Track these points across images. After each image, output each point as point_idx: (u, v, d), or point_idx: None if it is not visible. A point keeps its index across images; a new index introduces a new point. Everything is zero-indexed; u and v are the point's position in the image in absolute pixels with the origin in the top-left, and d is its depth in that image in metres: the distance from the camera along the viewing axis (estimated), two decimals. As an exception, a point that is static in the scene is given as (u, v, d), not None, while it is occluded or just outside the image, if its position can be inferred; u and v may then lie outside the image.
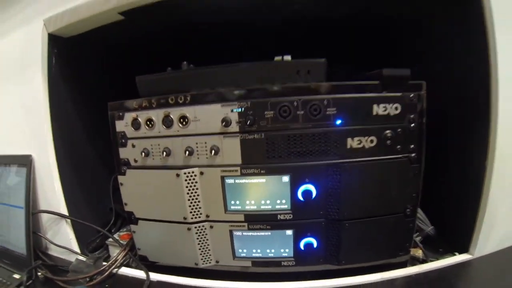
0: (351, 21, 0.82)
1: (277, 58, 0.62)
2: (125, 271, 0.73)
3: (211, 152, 0.60)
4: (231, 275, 0.68)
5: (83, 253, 0.79)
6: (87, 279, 0.70)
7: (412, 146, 0.59)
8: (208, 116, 0.60)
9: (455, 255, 0.68)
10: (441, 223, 0.74)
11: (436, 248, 0.72)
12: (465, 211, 0.67)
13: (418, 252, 0.70)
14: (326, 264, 0.65)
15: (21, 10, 0.82)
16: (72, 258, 0.77)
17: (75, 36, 0.78)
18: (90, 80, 0.89)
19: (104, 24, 0.72)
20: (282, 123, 0.58)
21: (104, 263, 0.74)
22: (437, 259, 0.68)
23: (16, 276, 0.74)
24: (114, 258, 0.74)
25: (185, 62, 0.65)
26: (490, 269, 0.65)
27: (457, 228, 0.71)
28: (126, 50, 0.95)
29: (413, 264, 0.68)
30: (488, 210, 0.63)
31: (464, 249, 0.68)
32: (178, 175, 0.62)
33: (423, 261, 0.69)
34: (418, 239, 0.73)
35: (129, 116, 0.63)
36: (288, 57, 0.62)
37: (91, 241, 0.82)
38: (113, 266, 0.72)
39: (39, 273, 0.74)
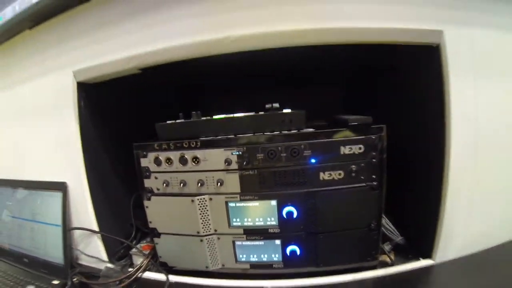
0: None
1: (268, 105, 0.80)
2: (148, 275, 0.91)
3: (217, 184, 0.80)
4: (234, 275, 0.86)
5: (110, 261, 0.96)
6: (117, 282, 0.89)
7: (373, 176, 0.75)
8: (214, 157, 0.79)
9: (419, 260, 0.82)
10: (410, 233, 0.87)
11: (406, 255, 0.85)
12: (428, 223, 0.81)
13: (387, 258, 0.84)
14: (308, 267, 0.82)
15: (52, 57, 0.97)
16: (101, 266, 0.94)
17: (99, 83, 0.94)
18: (114, 118, 1.05)
19: (124, 75, 0.88)
20: (270, 162, 0.77)
21: (130, 269, 0.93)
22: (404, 264, 0.82)
23: (55, 282, 0.91)
24: (139, 265, 0.92)
25: (194, 112, 0.82)
26: (449, 274, 0.77)
27: (422, 237, 0.84)
28: (141, 93, 1.12)
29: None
30: (445, 223, 0.77)
31: (427, 256, 0.82)
32: (192, 200, 0.81)
33: (392, 266, 0.83)
34: (388, 247, 0.86)
35: (151, 155, 0.82)
36: (276, 105, 0.80)
37: (117, 251, 1.00)
38: (139, 271, 0.91)
39: (74, 279, 0.90)
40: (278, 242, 0.82)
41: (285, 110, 0.79)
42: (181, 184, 0.81)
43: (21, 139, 1.12)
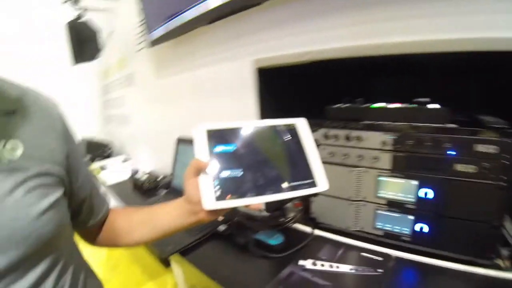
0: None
1: (417, 100, 0.97)
2: (297, 226, 1.15)
3: (373, 159, 1.00)
4: (366, 239, 1.00)
5: (267, 211, 1.14)
6: (271, 226, 1.13)
7: (503, 177, 0.77)
8: (374, 138, 0.99)
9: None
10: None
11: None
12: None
13: (501, 262, 0.82)
14: (429, 247, 0.89)
15: (232, 47, 1.26)
16: (257, 213, 1.17)
17: (273, 68, 1.16)
18: (285, 98, 1.24)
19: (296, 64, 1.08)
20: (417, 148, 0.93)
21: (282, 219, 1.16)
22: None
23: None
24: (291, 217, 1.17)
25: (358, 99, 1.04)
26: None
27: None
28: (307, 78, 1.34)
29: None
30: None
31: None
32: (352, 170, 1.03)
33: (505, 271, 0.80)
34: (506, 253, 0.85)
35: (322, 131, 1.06)
36: (425, 99, 0.95)
37: (274, 203, 1.22)
38: (291, 221, 1.15)
39: (235, 219, 1.17)
40: (411, 217, 0.97)
41: (432, 106, 0.90)
42: (344, 157, 1.04)
43: (202, 110, 1.44)
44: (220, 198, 0.60)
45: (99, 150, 2.58)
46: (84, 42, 2.60)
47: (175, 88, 1.86)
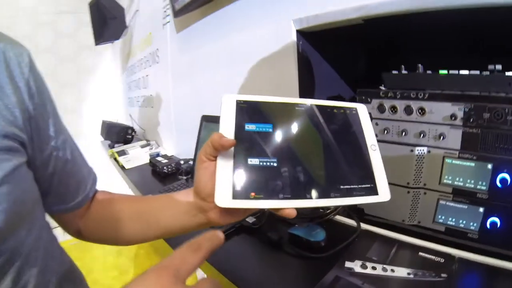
0: None
1: (490, 67, 0.80)
2: (339, 218, 0.99)
3: (439, 137, 0.83)
4: (422, 235, 0.87)
5: None
6: (308, 219, 0.98)
7: None
8: (440, 110, 0.82)
9: None
10: None
11: None
12: None
13: None
14: (501, 248, 0.76)
15: (269, 6, 1.12)
16: None
17: (315, 32, 1.03)
18: (329, 64, 1.13)
19: (343, 25, 0.94)
20: (495, 123, 0.78)
21: (321, 210, 1.01)
22: None
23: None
24: (333, 208, 1.00)
25: (419, 65, 0.87)
26: None
27: None
28: (356, 41, 1.19)
29: None
30: None
31: None
32: (412, 150, 0.86)
33: None
34: None
35: (375, 102, 0.89)
36: (499, 67, 0.79)
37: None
38: (331, 213, 0.99)
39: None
40: (481, 209, 0.82)
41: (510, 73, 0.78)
42: (402, 133, 0.86)
43: (231, 85, 1.29)
44: (240, 194, 0.44)
45: (121, 133, 2.47)
46: (107, 21, 2.51)
47: (202, 61, 1.76)
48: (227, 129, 0.47)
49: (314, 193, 0.46)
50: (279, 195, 0.45)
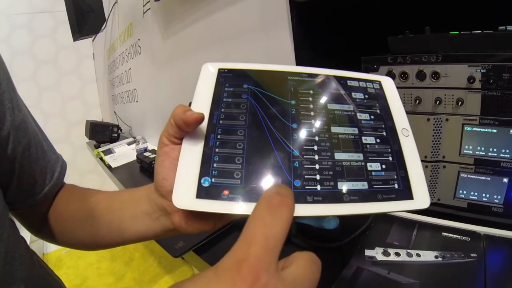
0: None
1: (501, 27, 0.74)
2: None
3: (457, 103, 0.76)
4: (441, 214, 0.82)
5: None
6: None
7: None
8: (456, 73, 0.75)
9: None
10: None
11: None
12: None
13: None
14: None
15: None
16: None
17: (308, 1, 0.96)
18: (322, 35, 1.06)
19: None
20: None
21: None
22: None
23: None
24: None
25: (427, 28, 0.79)
26: None
27: None
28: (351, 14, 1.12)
29: None
30: None
31: None
32: (428, 119, 0.78)
33: None
34: None
35: (383, 69, 0.81)
36: (511, 28, 0.73)
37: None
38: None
39: None
40: (505, 180, 0.75)
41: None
42: (416, 101, 0.78)
43: (224, 59, 1.20)
44: (207, 192, 0.31)
45: (106, 132, 2.37)
46: (85, 14, 2.41)
47: (185, 46, 1.68)
48: (201, 103, 0.37)
49: (318, 196, 0.32)
50: None
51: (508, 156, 0.75)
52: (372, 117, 0.40)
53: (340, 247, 0.74)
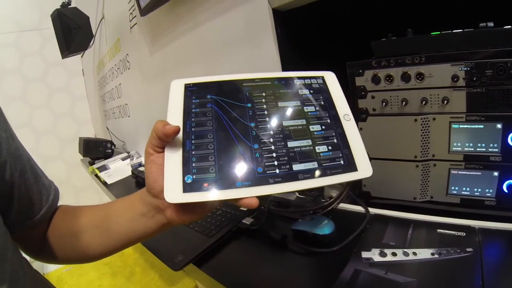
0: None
1: (482, 24, 0.75)
2: (344, 206, 0.92)
3: (442, 102, 0.77)
4: (436, 211, 0.83)
5: (301, 193, 0.99)
6: (311, 212, 0.91)
7: None
8: (440, 72, 0.76)
9: None
10: None
11: None
12: None
13: None
14: None
15: None
16: (291, 197, 0.98)
17: (291, 10, 0.99)
18: (308, 42, 1.09)
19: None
20: (498, 80, 0.73)
21: (322, 200, 0.94)
22: None
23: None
24: (336, 196, 0.93)
25: (409, 29, 0.81)
26: None
27: None
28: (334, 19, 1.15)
29: None
30: None
31: None
32: (415, 120, 0.80)
33: None
34: None
35: (369, 73, 0.83)
36: (491, 24, 0.75)
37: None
38: (336, 201, 0.92)
39: (262, 207, 0.95)
40: (496, 173, 0.77)
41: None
42: (403, 103, 0.80)
43: (213, 69, 1.22)
44: (191, 187, 0.40)
45: (99, 148, 2.38)
46: (72, 31, 2.41)
47: (173, 58, 1.70)
48: (175, 116, 0.45)
49: (277, 177, 0.42)
50: (236, 183, 0.40)
51: (497, 150, 0.76)
52: (317, 108, 0.49)
53: (337, 251, 0.74)
